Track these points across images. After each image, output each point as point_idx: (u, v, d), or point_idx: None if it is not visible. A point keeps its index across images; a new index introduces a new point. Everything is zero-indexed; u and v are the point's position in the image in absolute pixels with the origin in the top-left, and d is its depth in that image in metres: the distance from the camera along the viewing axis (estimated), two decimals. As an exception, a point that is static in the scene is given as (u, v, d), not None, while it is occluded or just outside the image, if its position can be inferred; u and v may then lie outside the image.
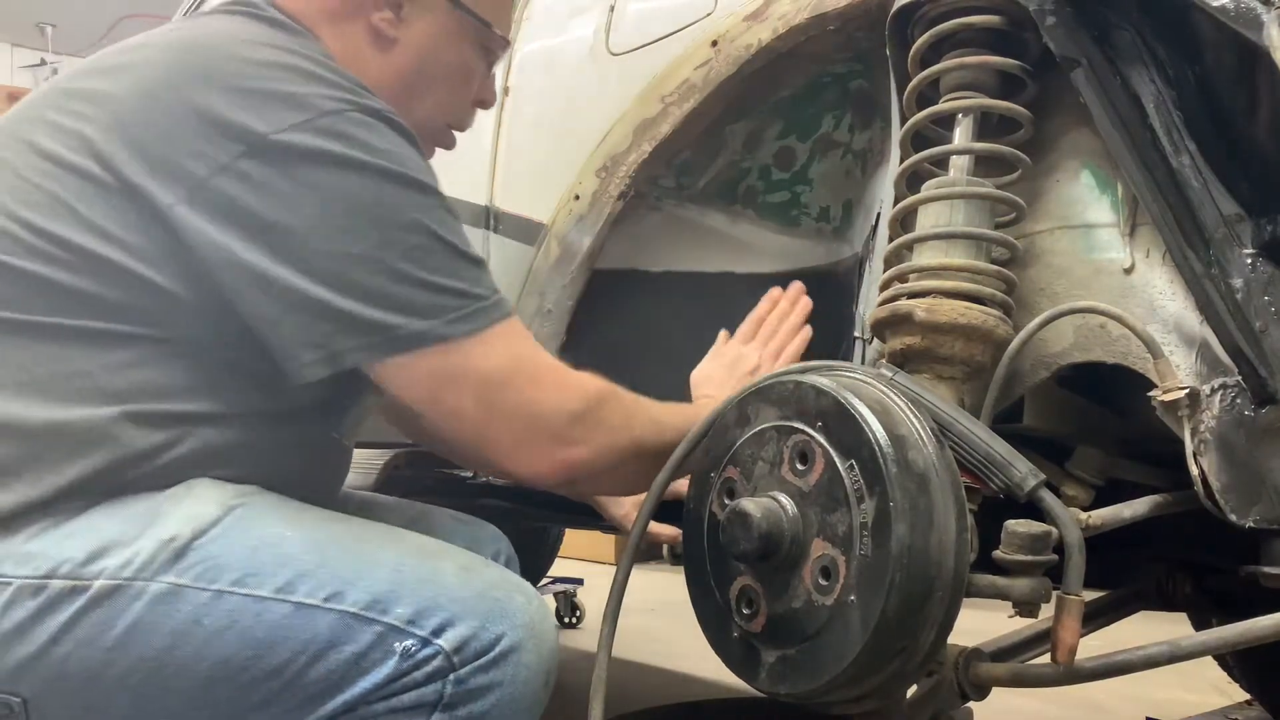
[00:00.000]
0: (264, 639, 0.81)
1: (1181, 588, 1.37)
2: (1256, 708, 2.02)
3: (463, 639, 0.82)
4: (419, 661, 0.82)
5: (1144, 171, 0.92)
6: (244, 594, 0.81)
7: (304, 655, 0.81)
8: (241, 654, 0.81)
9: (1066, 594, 0.85)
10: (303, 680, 0.82)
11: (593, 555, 4.84)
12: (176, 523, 0.83)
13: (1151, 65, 0.93)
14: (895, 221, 1.06)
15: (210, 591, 0.81)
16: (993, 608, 0.95)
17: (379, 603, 0.82)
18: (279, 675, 0.81)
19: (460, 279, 0.89)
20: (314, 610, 0.82)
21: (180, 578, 0.81)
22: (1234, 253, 0.89)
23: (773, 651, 0.88)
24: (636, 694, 2.38)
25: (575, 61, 1.51)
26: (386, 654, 0.82)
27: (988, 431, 0.91)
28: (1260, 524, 0.91)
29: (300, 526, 0.87)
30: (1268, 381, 0.87)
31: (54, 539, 0.81)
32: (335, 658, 0.81)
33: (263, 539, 0.84)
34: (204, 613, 0.81)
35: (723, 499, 0.93)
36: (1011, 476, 0.87)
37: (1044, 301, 1.02)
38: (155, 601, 0.80)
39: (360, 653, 0.82)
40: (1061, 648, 0.86)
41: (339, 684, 0.82)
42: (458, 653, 0.82)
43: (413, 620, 0.82)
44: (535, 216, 1.50)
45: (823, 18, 1.17)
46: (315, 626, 0.81)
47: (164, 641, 0.80)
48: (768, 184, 1.39)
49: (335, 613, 0.82)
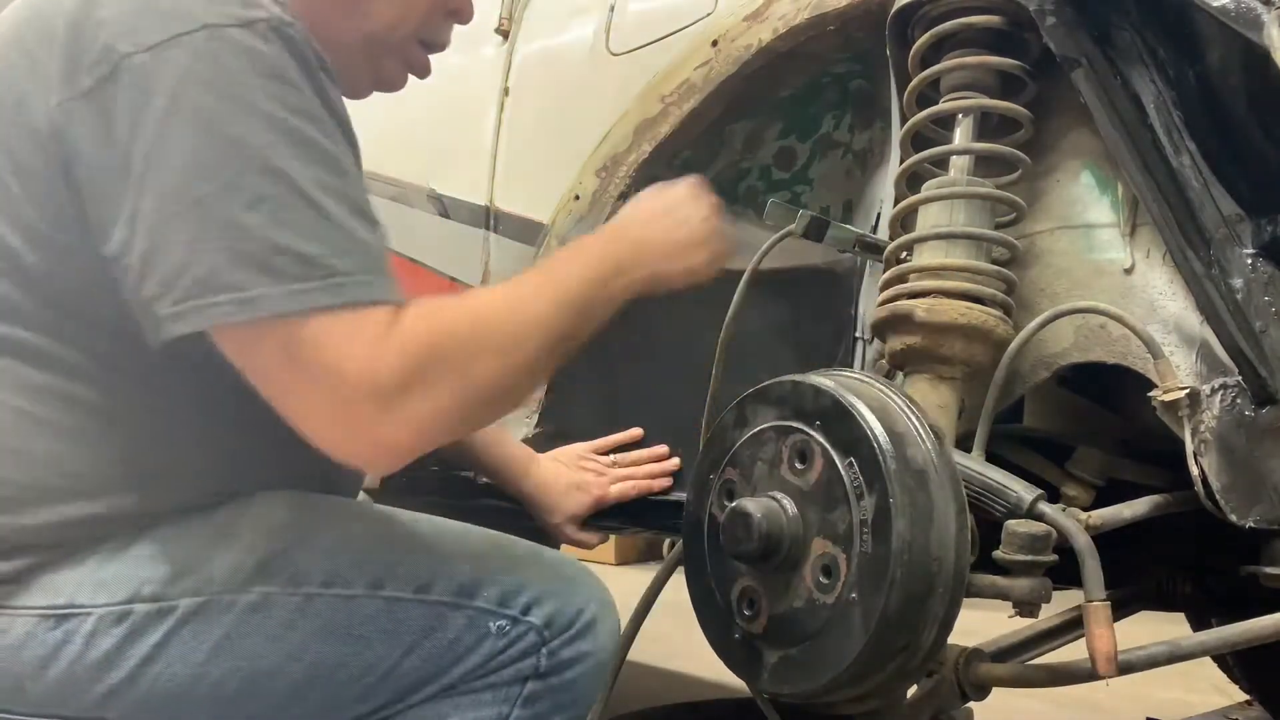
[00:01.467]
0: (359, 635, 0.83)
1: (1181, 588, 1.37)
2: (1256, 708, 2.02)
3: (550, 615, 0.88)
4: (514, 639, 0.86)
5: (1144, 172, 0.92)
6: (334, 594, 0.83)
7: (400, 647, 0.84)
8: (337, 653, 0.83)
9: (1090, 600, 0.84)
10: (399, 671, 0.84)
11: (593, 556, 4.84)
12: (250, 533, 0.83)
13: (1151, 65, 0.93)
14: (895, 221, 1.06)
15: (300, 595, 0.82)
16: (993, 608, 0.95)
17: (466, 589, 0.86)
18: (375, 669, 0.83)
19: (317, 244, 0.75)
20: (406, 604, 0.85)
21: (268, 585, 0.82)
22: (1234, 253, 0.89)
23: (775, 652, 0.88)
24: (636, 694, 2.38)
25: (575, 61, 1.51)
26: (482, 636, 0.86)
27: (979, 461, 0.93)
28: (1260, 524, 0.91)
29: (366, 525, 0.89)
30: (1268, 381, 0.87)
31: (128, 563, 0.81)
32: (431, 646, 0.85)
33: (337, 540, 0.86)
34: (297, 617, 0.82)
35: (722, 500, 0.93)
36: (1009, 499, 0.89)
37: (1044, 302, 1.02)
38: (247, 612, 0.81)
39: (455, 638, 0.85)
40: (1100, 659, 0.82)
41: (438, 670, 0.85)
42: (548, 627, 0.87)
43: (502, 602, 0.87)
44: (535, 216, 1.50)
45: (823, 18, 1.17)
46: (409, 619, 0.84)
47: (257, 649, 0.81)
48: (768, 184, 1.39)
49: (427, 604, 0.85)
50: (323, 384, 0.74)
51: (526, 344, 0.82)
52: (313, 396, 0.75)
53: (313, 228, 0.75)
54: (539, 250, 1.48)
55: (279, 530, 0.84)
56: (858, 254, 1.15)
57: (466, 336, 0.79)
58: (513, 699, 0.86)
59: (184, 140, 0.74)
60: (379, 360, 0.74)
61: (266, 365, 0.76)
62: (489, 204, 1.58)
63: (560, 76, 1.54)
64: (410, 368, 0.75)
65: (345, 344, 0.74)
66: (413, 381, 0.75)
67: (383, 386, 0.74)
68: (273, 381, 0.76)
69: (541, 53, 1.59)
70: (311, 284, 0.74)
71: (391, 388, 0.74)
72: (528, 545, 0.95)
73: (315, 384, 0.74)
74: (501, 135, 1.59)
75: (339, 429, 0.76)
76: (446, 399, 0.77)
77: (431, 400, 0.76)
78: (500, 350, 0.80)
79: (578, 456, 1.35)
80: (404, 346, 0.76)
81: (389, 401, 0.74)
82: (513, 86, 1.59)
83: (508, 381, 0.81)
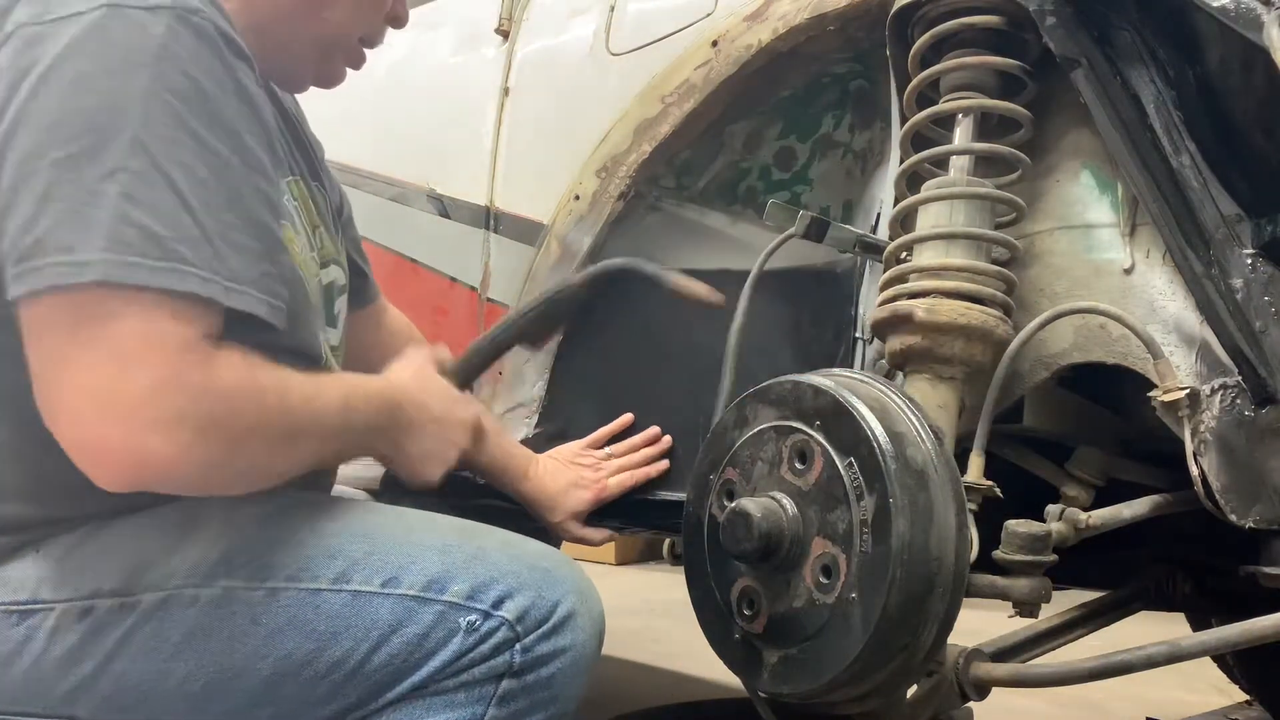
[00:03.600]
0: (325, 631, 0.81)
1: (1181, 588, 1.37)
2: (1256, 708, 2.02)
3: (523, 609, 0.83)
4: (484, 634, 0.83)
5: (1144, 172, 0.92)
6: (299, 588, 0.81)
7: (367, 643, 0.82)
8: (303, 649, 0.81)
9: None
10: (368, 667, 0.82)
11: (593, 555, 4.84)
12: (214, 526, 0.82)
13: (1151, 65, 0.93)
14: (895, 221, 1.07)
15: (264, 589, 0.81)
16: (993, 608, 0.95)
17: (436, 583, 0.83)
18: (343, 665, 0.81)
19: (168, 228, 0.72)
20: (373, 597, 0.82)
21: (231, 579, 0.80)
22: (1234, 253, 0.89)
23: (775, 652, 0.88)
24: (636, 694, 2.38)
25: (575, 61, 1.51)
26: (451, 631, 0.82)
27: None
28: (1260, 524, 0.91)
29: (337, 518, 0.87)
30: (1268, 381, 0.87)
31: (91, 557, 0.80)
32: (399, 641, 0.82)
33: (306, 532, 0.84)
34: (260, 611, 0.80)
35: (722, 500, 0.94)
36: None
37: (1044, 302, 1.02)
38: (209, 606, 0.80)
39: (423, 633, 0.82)
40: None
41: (406, 667, 0.82)
42: (520, 622, 0.83)
43: (471, 596, 0.83)
44: (535, 216, 1.50)
45: (823, 18, 1.17)
46: (376, 613, 0.82)
47: (222, 645, 0.80)
48: (768, 184, 1.39)
49: (394, 597, 0.82)
50: (108, 368, 0.70)
51: (301, 447, 0.82)
52: (89, 375, 0.70)
53: (169, 211, 0.72)
54: (539, 250, 1.48)
55: (244, 523, 0.83)
56: (858, 254, 1.15)
57: (265, 407, 0.77)
58: (487, 698, 0.83)
59: (54, 100, 0.72)
60: (179, 374, 0.71)
61: (60, 327, 0.71)
62: (489, 204, 1.58)
63: (560, 76, 1.54)
64: (199, 397, 0.72)
65: (155, 338, 0.71)
66: (192, 413, 0.72)
67: (165, 400, 0.70)
68: (54, 347, 0.71)
69: (541, 53, 1.59)
70: (150, 261, 0.71)
71: (172, 406, 0.71)
72: (503, 535, 0.91)
73: (100, 365, 0.70)
74: (501, 135, 1.59)
75: (99, 421, 0.70)
76: (212, 450, 0.73)
77: (199, 440, 0.72)
78: (282, 437, 0.79)
79: (574, 454, 1.35)
80: (211, 373, 0.73)
81: (161, 417, 0.70)
82: (513, 86, 1.59)
83: (260, 465, 0.79)
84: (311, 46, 0.99)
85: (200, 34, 0.76)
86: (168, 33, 0.74)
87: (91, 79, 0.72)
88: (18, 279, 0.71)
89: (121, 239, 0.71)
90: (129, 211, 0.71)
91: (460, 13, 1.76)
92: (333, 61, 1.02)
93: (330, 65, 1.02)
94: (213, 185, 0.75)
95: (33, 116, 0.72)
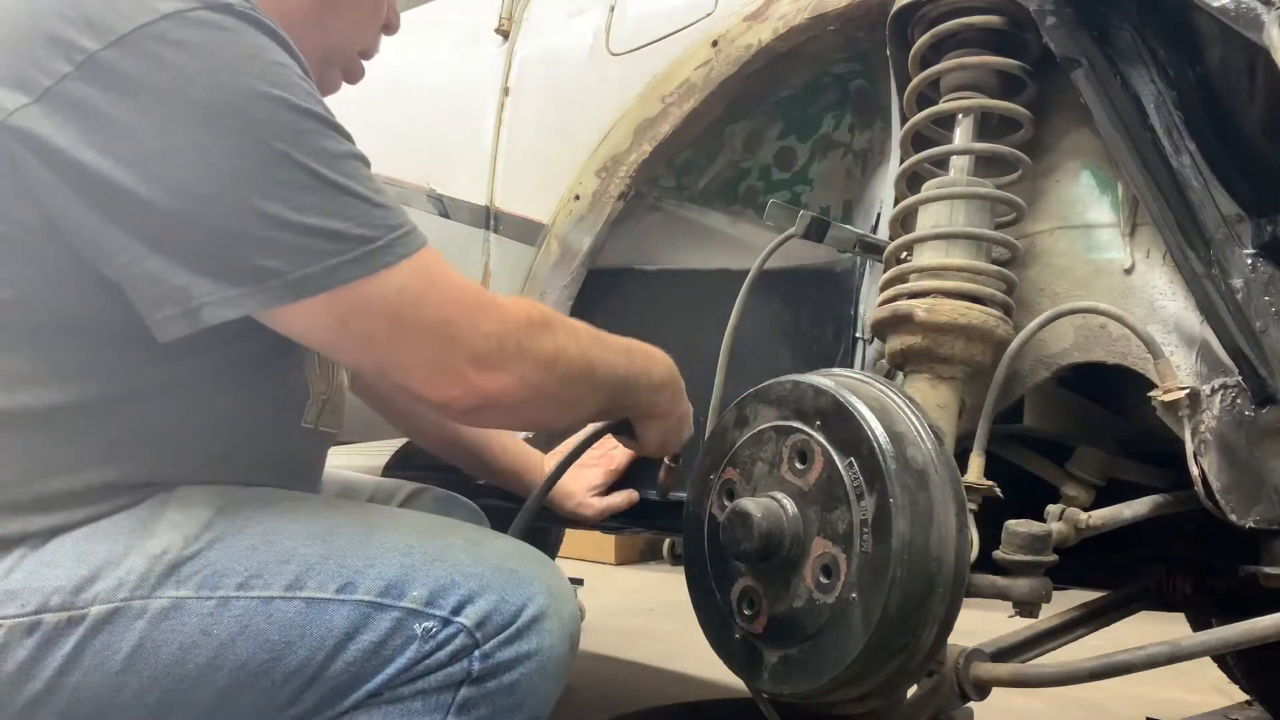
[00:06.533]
0: (279, 640, 0.79)
1: (1181, 588, 1.37)
2: (1256, 708, 2.02)
3: (484, 614, 0.81)
4: (441, 641, 0.80)
5: (1144, 172, 0.92)
6: (251, 597, 0.79)
7: (323, 651, 0.80)
8: (258, 658, 0.79)
9: None
10: (325, 675, 0.80)
11: (593, 555, 4.84)
12: (166, 533, 0.80)
13: (1151, 65, 0.93)
14: (895, 221, 1.07)
15: (215, 599, 0.79)
16: (993, 608, 0.95)
17: (393, 588, 0.81)
18: (300, 674, 0.80)
19: (338, 218, 0.77)
20: (327, 604, 0.80)
21: (180, 590, 0.79)
22: (1234, 253, 0.89)
23: (775, 652, 0.88)
24: (636, 694, 2.38)
25: (575, 61, 1.51)
26: (408, 639, 0.80)
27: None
28: (1260, 524, 0.91)
29: (297, 518, 0.85)
30: (1268, 381, 0.87)
31: (38, 570, 0.78)
32: (355, 649, 0.80)
33: (260, 536, 0.82)
34: (211, 622, 0.78)
35: (722, 500, 0.94)
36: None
37: (1044, 302, 1.02)
38: (158, 618, 0.78)
39: (380, 640, 0.80)
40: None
41: (362, 674, 0.80)
42: (480, 628, 0.81)
43: (430, 601, 0.81)
44: (535, 216, 1.50)
45: (823, 18, 1.17)
46: (331, 620, 0.80)
47: (174, 657, 0.78)
48: (768, 184, 1.40)
49: (350, 603, 0.80)
50: (432, 338, 0.81)
51: (599, 381, 0.92)
52: (421, 346, 0.81)
53: (364, 179, 0.79)
54: (539, 250, 1.48)
55: (196, 531, 0.81)
56: (858, 254, 1.15)
57: (569, 333, 0.89)
58: (445, 706, 0.81)
59: (183, 136, 0.73)
60: (488, 311, 0.83)
61: (386, 300, 0.79)
62: (489, 204, 1.58)
63: (560, 76, 1.54)
64: (515, 327, 0.84)
65: (459, 290, 0.83)
66: (512, 340, 0.84)
67: (492, 334, 0.83)
68: (376, 342, 0.80)
69: (541, 53, 1.59)
70: (406, 227, 0.80)
71: (499, 337, 0.83)
72: (471, 533, 0.88)
73: (422, 339, 0.81)
74: (501, 135, 1.59)
75: (459, 370, 0.82)
76: (531, 368, 0.85)
77: (528, 363, 0.84)
78: (575, 364, 0.89)
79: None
80: (506, 310, 0.85)
81: (499, 345, 0.83)
82: (513, 86, 1.59)
83: (564, 390, 0.89)
84: (319, 58, 0.97)
85: (259, 23, 0.78)
86: (240, 26, 0.76)
87: (205, 105, 0.74)
88: (226, 303, 0.75)
89: (311, 250, 0.76)
90: (351, 186, 0.78)
91: (460, 13, 1.77)
92: (334, 72, 1.02)
93: (330, 76, 1.03)
94: (334, 152, 0.79)
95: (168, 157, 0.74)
